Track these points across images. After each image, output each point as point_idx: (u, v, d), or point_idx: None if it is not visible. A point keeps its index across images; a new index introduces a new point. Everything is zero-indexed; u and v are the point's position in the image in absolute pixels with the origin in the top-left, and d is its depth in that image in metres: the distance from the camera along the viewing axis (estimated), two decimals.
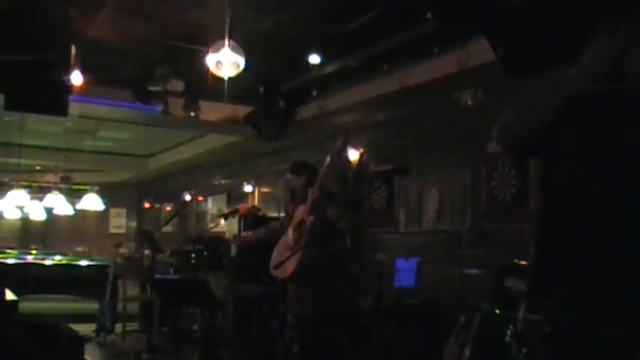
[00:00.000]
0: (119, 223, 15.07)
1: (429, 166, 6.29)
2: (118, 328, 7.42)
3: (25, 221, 13.31)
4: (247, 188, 9.93)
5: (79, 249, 11.44)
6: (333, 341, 4.54)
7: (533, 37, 3.99)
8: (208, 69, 5.13)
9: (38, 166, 12.25)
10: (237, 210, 6.17)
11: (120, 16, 5.37)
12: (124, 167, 13.15)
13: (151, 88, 6.84)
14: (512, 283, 3.94)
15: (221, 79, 5.19)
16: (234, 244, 5.07)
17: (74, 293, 7.75)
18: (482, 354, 4.34)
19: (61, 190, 11.05)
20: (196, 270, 6.84)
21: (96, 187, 10.88)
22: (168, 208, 12.98)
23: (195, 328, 6.65)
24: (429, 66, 5.77)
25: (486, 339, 4.31)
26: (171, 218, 9.73)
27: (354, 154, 7.26)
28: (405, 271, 5.81)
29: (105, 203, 10.88)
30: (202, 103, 7.21)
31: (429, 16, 4.87)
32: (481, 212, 5.80)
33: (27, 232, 14.06)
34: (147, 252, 7.70)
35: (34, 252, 9.91)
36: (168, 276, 6.86)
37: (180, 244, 8.40)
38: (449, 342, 4.58)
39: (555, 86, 1.72)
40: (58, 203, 10.70)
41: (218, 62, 5.07)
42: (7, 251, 9.35)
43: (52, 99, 5.52)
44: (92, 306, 7.60)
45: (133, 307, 7.75)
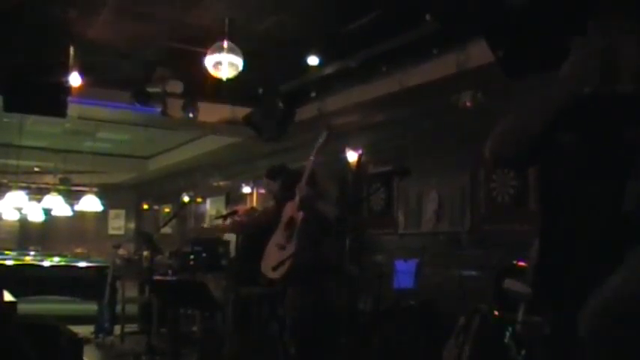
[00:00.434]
0: (118, 224, 15.05)
1: (429, 168, 6.29)
2: (117, 329, 7.41)
3: (23, 222, 13.28)
4: (246, 189, 9.92)
5: (78, 250, 11.40)
6: (332, 342, 4.54)
7: (533, 38, 3.99)
8: (207, 70, 5.14)
9: (37, 167, 12.24)
10: (236, 211, 6.16)
11: (119, 17, 5.37)
12: (122, 168, 13.14)
13: (150, 90, 6.84)
14: (511, 284, 3.94)
15: (220, 80, 5.20)
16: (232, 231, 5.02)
17: (73, 294, 7.74)
18: (482, 355, 4.34)
19: (59, 191, 11.05)
20: (195, 271, 6.83)
21: (95, 189, 10.88)
22: (167, 210, 12.97)
23: (194, 329, 6.63)
24: (428, 67, 5.77)
25: (485, 340, 4.31)
26: (170, 219, 9.71)
27: (352, 155, 7.26)
28: (404, 272, 5.81)
29: (104, 204, 10.87)
30: (201, 105, 7.21)
31: (428, 17, 4.88)
32: (480, 213, 5.80)
33: (25, 234, 14.04)
34: (146, 253, 7.68)
35: (32, 253, 9.90)
36: (167, 277, 6.85)
37: (179, 245, 8.40)
38: (448, 343, 4.58)
39: (542, 100, 1.72)
40: (57, 204, 10.69)
41: (217, 63, 5.08)
42: (6, 252, 9.33)
43: (51, 100, 5.52)
44: (91, 307, 7.59)
45: (132, 308, 7.74)
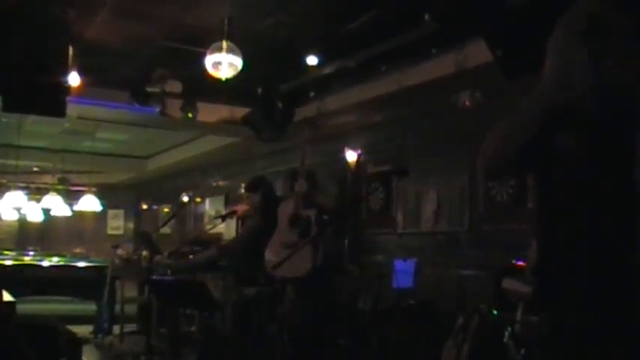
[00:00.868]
0: (117, 224, 15.05)
1: (428, 167, 6.29)
2: (116, 329, 7.41)
3: (22, 222, 13.27)
4: None
5: (77, 250, 11.41)
6: (332, 342, 4.55)
7: (532, 38, 3.99)
8: (206, 70, 5.13)
9: (36, 167, 12.23)
10: (235, 211, 6.15)
11: (118, 17, 5.37)
12: (121, 168, 13.13)
13: (149, 90, 6.84)
14: (510, 284, 3.94)
15: (219, 80, 5.19)
16: (180, 271, 5.12)
17: (72, 294, 7.74)
18: (481, 355, 4.34)
19: (58, 191, 11.04)
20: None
21: (94, 189, 10.87)
22: (166, 210, 12.97)
23: (193, 329, 6.63)
24: (427, 67, 5.78)
25: (484, 340, 4.31)
26: (169, 219, 9.70)
27: (352, 155, 7.26)
28: (403, 272, 5.81)
29: (103, 204, 10.86)
30: (200, 105, 7.21)
31: (427, 17, 4.88)
32: (479, 213, 5.80)
33: (24, 234, 14.03)
34: (145, 253, 7.67)
35: (31, 253, 9.90)
36: (166, 277, 6.84)
37: (179, 245, 8.39)
38: (447, 343, 4.59)
39: (527, 111, 1.72)
40: (56, 204, 10.69)
41: (216, 63, 5.08)
42: (5, 253, 9.33)
43: (50, 100, 5.50)
44: (90, 307, 7.59)
45: (131, 308, 7.73)
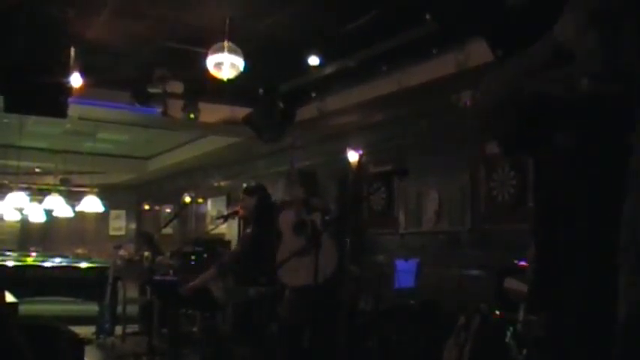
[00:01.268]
0: (119, 225, 15.05)
1: (428, 167, 6.29)
2: (118, 330, 7.42)
3: (24, 223, 13.29)
4: None
5: (79, 251, 11.43)
6: (333, 342, 4.56)
7: (533, 37, 3.99)
8: (207, 71, 5.14)
9: (37, 168, 12.24)
10: (237, 212, 6.16)
11: (119, 17, 5.38)
12: (123, 169, 13.14)
13: (150, 90, 6.84)
14: (512, 283, 3.94)
15: (220, 81, 5.20)
16: (183, 293, 5.21)
17: (74, 295, 7.76)
18: (482, 355, 4.34)
19: (60, 192, 11.05)
20: (196, 272, 6.83)
21: (95, 189, 10.88)
22: (168, 210, 12.97)
23: (194, 329, 6.64)
24: (427, 67, 5.77)
25: (486, 340, 4.31)
26: (171, 220, 9.71)
27: (353, 155, 7.26)
28: (404, 272, 5.81)
29: (104, 205, 10.87)
30: (201, 105, 7.22)
31: (427, 17, 4.88)
32: (480, 213, 5.80)
33: (26, 234, 14.04)
34: (146, 254, 7.69)
35: (33, 254, 9.91)
36: (168, 278, 6.85)
37: (180, 245, 8.40)
38: (448, 343, 4.59)
39: (527, 55, 1.72)
40: (58, 205, 10.69)
41: (217, 64, 5.08)
42: (7, 253, 9.34)
43: (52, 101, 5.51)
44: (92, 308, 7.60)
45: (133, 309, 7.75)
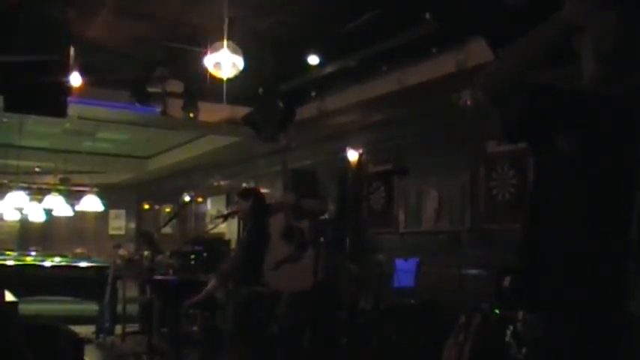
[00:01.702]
0: (118, 224, 15.05)
1: (428, 167, 6.29)
2: (118, 329, 7.41)
3: (24, 223, 13.29)
4: None
5: (79, 250, 11.40)
6: (333, 341, 4.57)
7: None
8: (207, 70, 5.14)
9: (37, 167, 12.24)
10: (237, 211, 6.16)
11: (119, 17, 5.38)
12: (123, 168, 13.15)
13: (150, 90, 6.84)
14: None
15: (220, 80, 5.20)
16: (190, 307, 5.28)
17: (74, 295, 7.75)
18: (482, 354, 4.34)
19: (60, 191, 11.05)
20: (196, 271, 6.83)
21: (95, 189, 10.87)
22: (168, 210, 12.98)
23: (194, 329, 6.64)
24: (427, 66, 5.78)
25: (486, 339, 4.31)
26: (171, 219, 9.72)
27: (353, 155, 7.26)
28: (404, 271, 5.81)
29: (104, 204, 10.87)
30: (201, 104, 7.21)
31: (427, 16, 4.88)
32: (480, 212, 5.80)
33: (26, 234, 14.04)
34: (146, 253, 7.69)
35: (33, 254, 9.90)
36: (168, 277, 6.85)
37: (180, 245, 8.40)
38: (448, 342, 4.59)
39: (534, 36, 1.72)
40: (58, 204, 10.69)
41: (217, 63, 5.08)
42: (7, 253, 9.34)
43: (51, 100, 5.51)
44: (92, 307, 7.59)
45: (133, 308, 7.74)
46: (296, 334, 4.62)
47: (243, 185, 9.93)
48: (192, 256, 7.19)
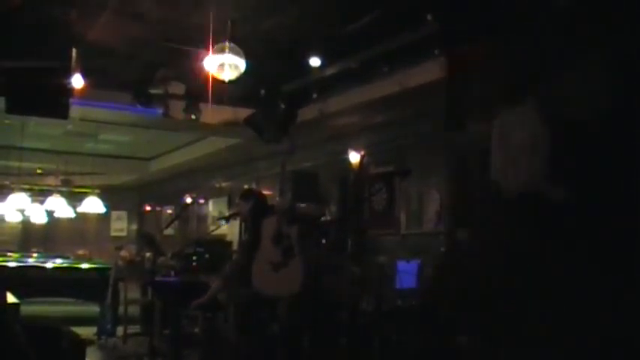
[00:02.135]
0: (120, 225, 15.06)
1: (430, 168, 6.28)
2: (120, 331, 7.41)
3: (26, 224, 13.31)
4: None
5: (80, 252, 11.42)
6: (334, 342, 4.57)
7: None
8: (209, 72, 5.14)
9: (39, 169, 12.25)
10: (238, 213, 6.16)
11: (120, 19, 5.38)
12: (124, 170, 13.15)
13: (152, 91, 6.85)
14: None
15: (222, 82, 5.20)
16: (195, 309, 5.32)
17: (75, 296, 7.76)
18: None
19: (62, 193, 11.06)
20: (198, 273, 6.83)
21: (97, 190, 10.88)
22: (170, 211, 12.98)
23: (196, 330, 6.64)
24: (429, 68, 5.77)
25: None
26: (173, 221, 9.71)
27: (355, 156, 7.26)
28: (406, 273, 5.81)
29: (106, 206, 10.88)
30: (203, 106, 7.21)
31: (429, 17, 4.88)
32: None
33: (28, 235, 14.05)
34: (148, 255, 7.69)
35: (35, 255, 9.92)
36: (170, 279, 6.86)
37: (182, 246, 8.41)
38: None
39: None
40: (59, 206, 10.71)
41: (219, 65, 5.08)
42: (8, 254, 9.35)
43: (53, 102, 5.52)
44: (93, 309, 7.60)
45: (135, 309, 7.74)
46: (297, 335, 4.62)
47: (245, 187, 9.95)
48: (194, 258, 7.19)
